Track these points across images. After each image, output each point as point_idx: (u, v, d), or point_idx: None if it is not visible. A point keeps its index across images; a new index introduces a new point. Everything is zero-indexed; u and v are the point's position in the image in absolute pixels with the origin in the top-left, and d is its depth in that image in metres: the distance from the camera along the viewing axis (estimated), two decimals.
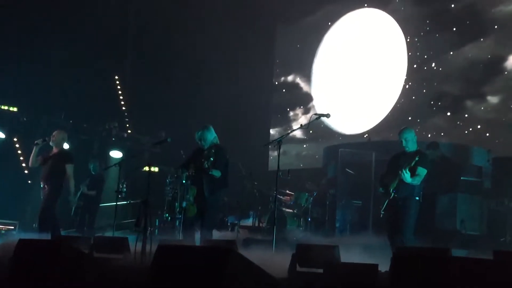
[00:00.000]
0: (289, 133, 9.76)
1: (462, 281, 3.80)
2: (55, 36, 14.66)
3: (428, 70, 13.92)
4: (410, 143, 8.33)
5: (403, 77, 14.35)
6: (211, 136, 9.18)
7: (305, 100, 16.32)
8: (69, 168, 10.19)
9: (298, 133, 15.21)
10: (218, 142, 9.20)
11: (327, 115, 9.30)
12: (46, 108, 14.84)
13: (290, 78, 16.91)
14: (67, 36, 14.84)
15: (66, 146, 10.86)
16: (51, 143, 10.43)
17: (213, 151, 8.93)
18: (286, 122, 16.55)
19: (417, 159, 8.01)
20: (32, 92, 14.78)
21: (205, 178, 8.90)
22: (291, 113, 16.55)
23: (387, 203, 8.24)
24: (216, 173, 8.87)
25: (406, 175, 8.00)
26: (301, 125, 9.51)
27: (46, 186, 10.26)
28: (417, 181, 8.11)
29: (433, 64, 13.84)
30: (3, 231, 13.19)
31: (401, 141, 8.36)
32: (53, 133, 10.51)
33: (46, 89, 14.74)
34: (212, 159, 8.80)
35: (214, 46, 15.93)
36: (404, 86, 14.30)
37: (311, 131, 15.81)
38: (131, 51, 17.24)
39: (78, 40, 15.09)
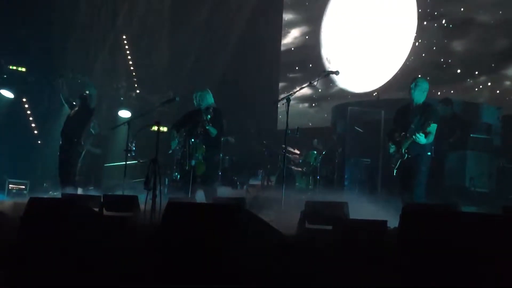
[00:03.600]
0: (297, 91, 9.72)
1: (472, 236, 3.79)
2: None
3: (438, 27, 13.75)
4: (419, 92, 8.20)
5: (412, 35, 14.18)
6: (210, 99, 9.30)
7: (313, 59, 16.19)
8: None
9: (307, 92, 15.12)
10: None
11: (336, 72, 9.27)
12: (54, 69, 14.80)
13: (298, 36, 16.76)
14: None
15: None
16: None
17: (211, 110, 9.02)
18: (294, 81, 16.45)
19: (431, 123, 7.89)
20: (40, 53, 14.76)
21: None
22: (300, 72, 16.45)
23: (400, 162, 8.20)
24: (213, 130, 8.98)
25: (421, 138, 7.93)
26: (310, 82, 9.42)
27: None
28: (430, 139, 8.06)
29: (443, 21, 13.67)
30: (14, 191, 13.31)
31: (411, 87, 8.21)
32: None
33: (53, 49, 14.70)
34: (209, 117, 8.91)
35: (221, 7, 15.82)
36: (414, 43, 14.15)
37: (320, 90, 15.75)
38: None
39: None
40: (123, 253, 5.17)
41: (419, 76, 8.69)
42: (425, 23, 14.01)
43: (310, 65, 16.10)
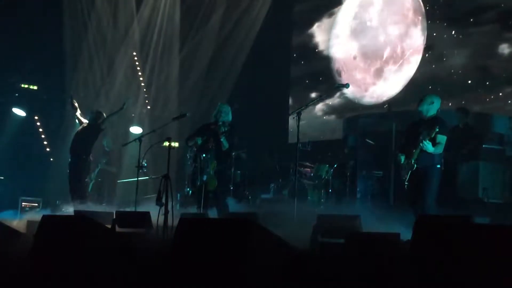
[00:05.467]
0: (308, 104, 9.73)
1: (485, 248, 3.77)
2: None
3: (448, 38, 13.73)
4: (427, 106, 8.26)
5: (422, 46, 14.17)
6: (230, 116, 9.34)
7: (324, 72, 16.19)
8: None
9: (318, 105, 15.12)
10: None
11: (346, 85, 9.28)
12: (65, 86, 14.88)
13: (308, 49, 16.77)
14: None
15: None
16: None
17: (227, 124, 9.07)
18: (305, 94, 16.45)
19: (437, 130, 7.95)
20: (51, 71, 14.86)
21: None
22: (310, 85, 16.43)
23: (410, 174, 8.22)
24: (225, 143, 9.01)
25: (428, 146, 7.98)
26: (320, 96, 9.45)
27: None
28: (439, 149, 8.10)
29: (453, 32, 13.66)
30: (27, 209, 13.35)
31: (424, 102, 8.27)
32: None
33: (65, 67, 14.81)
34: (226, 129, 8.96)
35: (231, 23, 15.89)
36: (424, 55, 14.13)
37: (330, 102, 15.74)
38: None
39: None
40: (135, 269, 5.18)
41: (428, 93, 8.76)
42: (434, 34, 14.00)
43: (321, 78, 16.10)
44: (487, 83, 12.98)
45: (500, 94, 12.75)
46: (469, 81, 13.26)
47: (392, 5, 14.89)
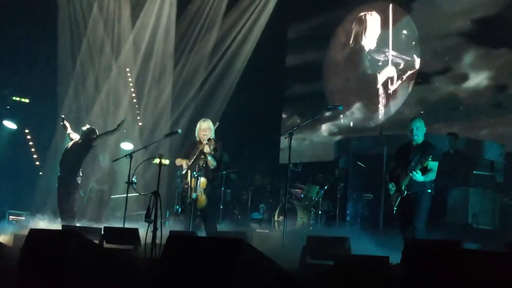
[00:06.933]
0: (300, 125, 9.72)
1: (474, 273, 3.76)
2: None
3: (439, 66, 13.84)
4: (420, 132, 8.30)
5: (415, 72, 14.26)
6: (213, 131, 9.31)
7: (317, 93, 16.23)
8: None
9: (309, 126, 15.10)
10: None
11: (339, 107, 9.30)
12: (58, 101, 14.85)
13: (302, 70, 16.82)
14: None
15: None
16: None
17: (213, 142, 9.04)
18: (297, 115, 16.48)
19: (429, 159, 7.95)
20: (43, 84, 14.83)
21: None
22: (303, 106, 16.46)
23: (400, 199, 8.21)
24: (213, 162, 8.97)
25: (418, 176, 7.99)
26: (313, 117, 9.45)
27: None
28: (430, 176, 8.11)
29: (446, 58, 13.76)
30: (14, 222, 13.25)
31: (412, 129, 8.31)
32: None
33: (56, 81, 14.78)
34: (212, 147, 8.94)
35: (224, 41, 15.96)
36: (417, 80, 14.22)
37: (322, 124, 15.77)
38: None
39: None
40: (122, 286, 5.13)
41: (417, 116, 8.82)
42: (428, 58, 14.09)
43: (313, 100, 16.13)
44: (477, 109, 13.09)
45: (492, 121, 12.84)
46: (461, 108, 13.36)
47: (385, 32, 15.00)
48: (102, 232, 8.18)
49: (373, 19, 15.36)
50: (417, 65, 14.21)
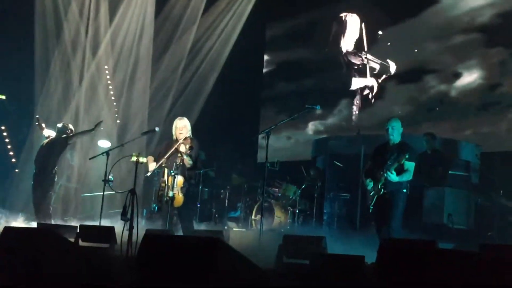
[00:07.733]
0: (278, 124, 9.72)
1: (448, 272, 3.79)
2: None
3: (415, 62, 13.92)
4: (396, 132, 8.34)
5: (393, 72, 14.34)
6: (190, 130, 9.27)
7: (296, 92, 16.24)
8: None
9: (287, 125, 15.10)
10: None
11: (317, 107, 9.33)
12: (35, 98, 14.73)
13: (281, 69, 16.84)
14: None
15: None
16: None
17: (189, 140, 9.01)
18: (275, 114, 16.49)
19: (407, 156, 8.00)
20: (20, 81, 14.70)
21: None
22: (281, 105, 16.47)
23: (376, 198, 8.25)
24: (189, 160, 8.93)
25: (392, 176, 8.05)
26: (290, 116, 9.47)
27: None
28: (406, 177, 8.16)
29: (426, 59, 13.85)
30: None
31: (388, 129, 8.35)
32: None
33: (34, 78, 14.66)
34: (188, 146, 8.90)
35: (203, 41, 15.97)
36: (397, 81, 14.29)
37: (300, 124, 15.79)
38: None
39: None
40: (97, 284, 5.10)
41: (393, 116, 8.87)
42: (405, 57, 14.17)
43: (291, 99, 16.14)
44: (454, 109, 13.19)
45: (468, 121, 12.94)
46: (437, 109, 13.45)
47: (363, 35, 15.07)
48: (78, 230, 8.13)
49: (353, 20, 15.40)
50: (392, 70, 14.27)
